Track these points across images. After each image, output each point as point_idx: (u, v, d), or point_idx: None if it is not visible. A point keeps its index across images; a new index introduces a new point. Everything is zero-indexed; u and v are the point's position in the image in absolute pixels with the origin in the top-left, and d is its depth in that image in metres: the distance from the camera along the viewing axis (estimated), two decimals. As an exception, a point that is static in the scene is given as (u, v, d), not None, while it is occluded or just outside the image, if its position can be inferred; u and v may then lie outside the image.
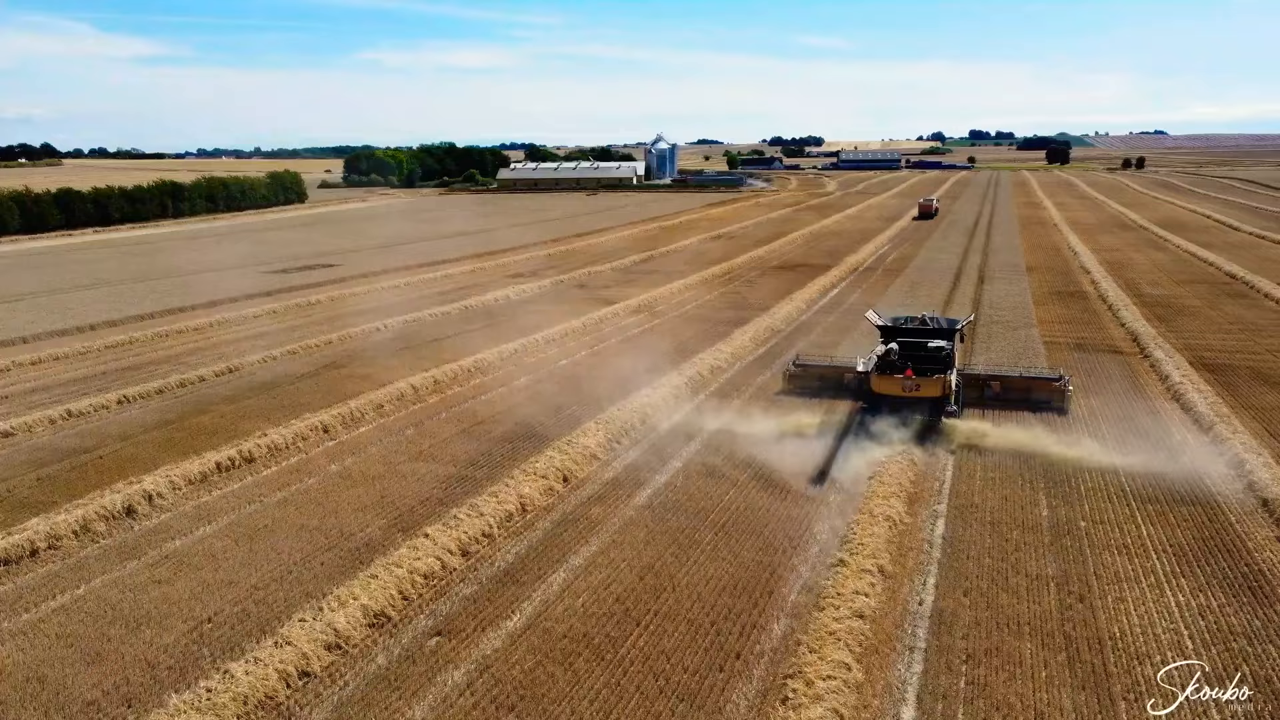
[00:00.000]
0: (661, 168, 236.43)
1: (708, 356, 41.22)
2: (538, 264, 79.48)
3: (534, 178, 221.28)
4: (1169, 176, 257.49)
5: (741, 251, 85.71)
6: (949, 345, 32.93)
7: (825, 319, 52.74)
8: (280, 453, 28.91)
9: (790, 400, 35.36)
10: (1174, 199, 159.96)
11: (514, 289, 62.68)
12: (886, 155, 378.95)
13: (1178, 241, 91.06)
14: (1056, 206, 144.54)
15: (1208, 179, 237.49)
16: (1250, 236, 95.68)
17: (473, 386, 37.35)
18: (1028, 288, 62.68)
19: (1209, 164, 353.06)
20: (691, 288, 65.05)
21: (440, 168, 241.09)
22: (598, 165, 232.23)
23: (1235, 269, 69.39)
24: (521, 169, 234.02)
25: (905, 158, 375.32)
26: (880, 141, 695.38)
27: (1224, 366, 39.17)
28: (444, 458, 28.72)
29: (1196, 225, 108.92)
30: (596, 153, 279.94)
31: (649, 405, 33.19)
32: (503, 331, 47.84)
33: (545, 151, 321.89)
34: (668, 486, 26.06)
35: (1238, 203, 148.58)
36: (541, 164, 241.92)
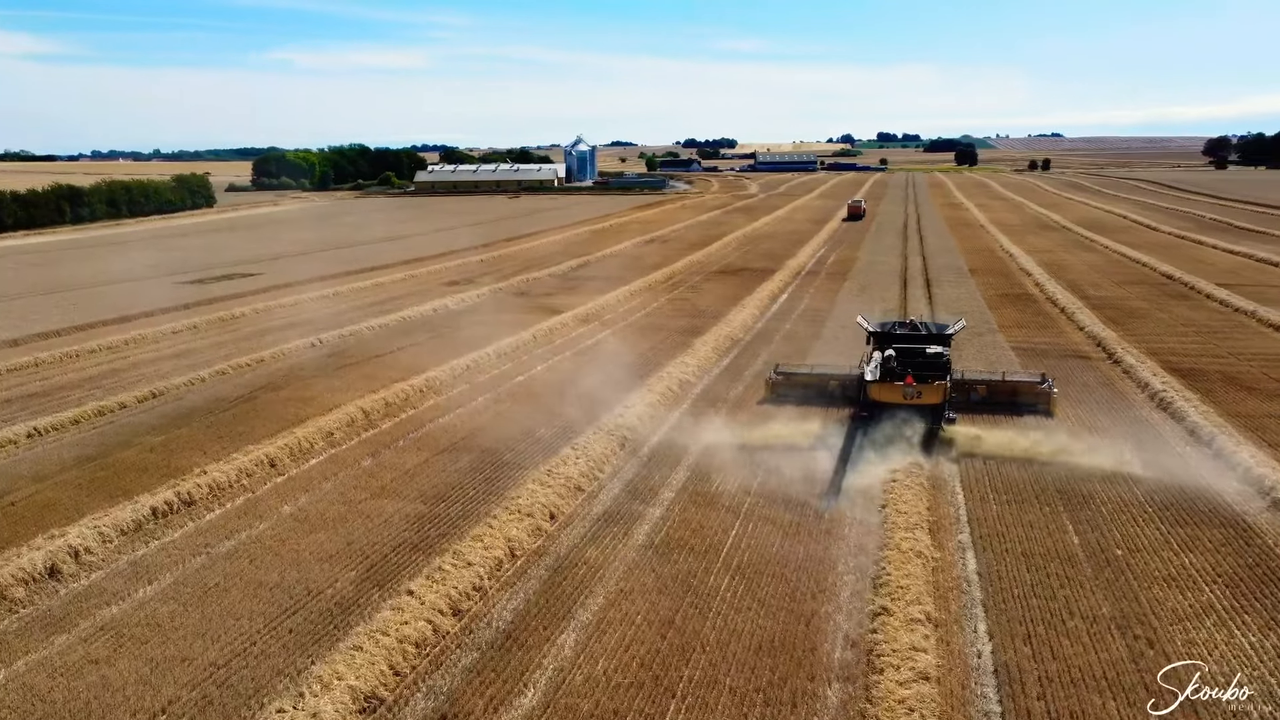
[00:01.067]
0: (582, 170, 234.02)
1: (673, 370, 39.07)
2: (472, 270, 76.33)
3: (453, 180, 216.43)
4: (1075, 177, 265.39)
5: (679, 255, 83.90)
6: (947, 350, 31.72)
7: (783, 325, 51.10)
8: (223, 493, 25.69)
9: (775, 410, 33.63)
10: (1087, 199, 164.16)
11: (452, 298, 59.60)
12: (803, 157, 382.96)
13: (1104, 242, 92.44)
14: (977, 207, 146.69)
15: (1112, 179, 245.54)
16: (1170, 237, 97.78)
17: (428, 409, 34.46)
18: (977, 291, 62.18)
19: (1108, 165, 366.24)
20: (637, 294, 62.88)
21: (354, 170, 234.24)
22: (518, 167, 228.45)
23: (1170, 269, 70.22)
24: (440, 171, 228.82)
25: (821, 160, 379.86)
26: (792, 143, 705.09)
27: (1194, 372, 38.58)
28: (410, 493, 25.90)
29: (1116, 226, 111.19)
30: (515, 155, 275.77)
31: (625, 426, 30.84)
32: (449, 345, 44.88)
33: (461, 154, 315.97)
34: (665, 520, 23.77)
35: (1148, 203, 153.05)
36: (460, 166, 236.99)
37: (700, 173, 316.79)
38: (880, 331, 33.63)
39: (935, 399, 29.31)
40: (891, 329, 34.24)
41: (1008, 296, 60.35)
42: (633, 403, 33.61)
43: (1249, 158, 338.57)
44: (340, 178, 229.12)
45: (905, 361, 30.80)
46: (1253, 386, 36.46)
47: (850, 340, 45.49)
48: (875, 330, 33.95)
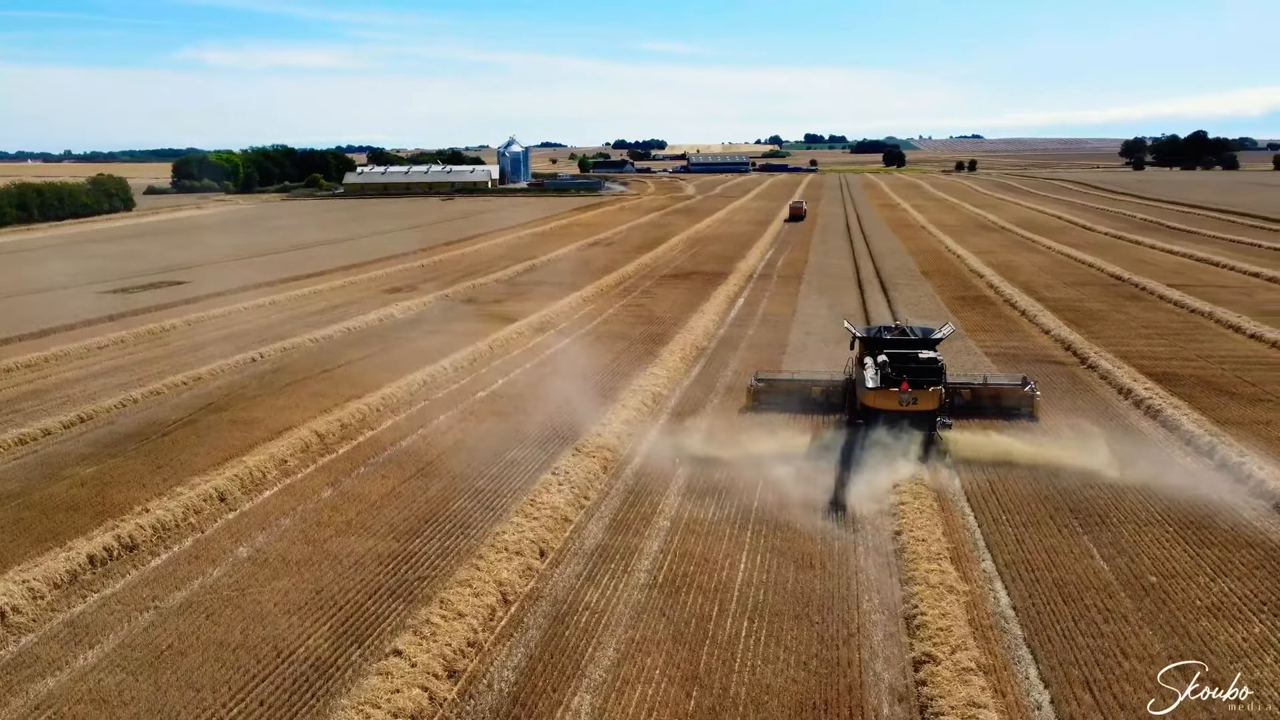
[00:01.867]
0: (516, 171, 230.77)
1: (644, 382, 37.19)
2: (414, 276, 73.40)
3: (383, 182, 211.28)
4: (1001, 178, 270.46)
5: (626, 259, 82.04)
6: (939, 355, 30.93)
7: (745, 332, 49.57)
8: (169, 534, 23.02)
9: (759, 419, 32.40)
10: (1018, 200, 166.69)
11: (397, 306, 56.81)
12: (735, 159, 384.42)
13: (1046, 243, 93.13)
14: (914, 208, 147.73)
15: (1038, 180, 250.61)
16: (1108, 237, 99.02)
17: (388, 430, 32.01)
18: (934, 293, 61.55)
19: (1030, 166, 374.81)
20: (590, 300, 60.88)
21: (279, 172, 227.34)
22: (450, 169, 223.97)
23: (1117, 270, 70.62)
24: (369, 173, 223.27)
25: (753, 161, 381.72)
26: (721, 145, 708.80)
27: (1169, 376, 38.00)
28: (379, 528, 23.57)
29: (1053, 226, 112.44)
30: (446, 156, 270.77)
31: (605, 446, 28.87)
32: (401, 358, 42.34)
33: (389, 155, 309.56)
34: (665, 554, 21.88)
35: (1077, 203, 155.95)
36: (390, 167, 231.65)
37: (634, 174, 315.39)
38: (870, 337, 32.45)
39: (930, 405, 28.44)
40: (878, 333, 33.09)
41: (965, 299, 59.81)
42: (608, 420, 31.67)
43: (1163, 159, 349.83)
44: (265, 180, 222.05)
45: (899, 367, 29.74)
46: (1231, 391, 35.98)
47: (819, 347, 44.26)
48: (864, 335, 32.72)
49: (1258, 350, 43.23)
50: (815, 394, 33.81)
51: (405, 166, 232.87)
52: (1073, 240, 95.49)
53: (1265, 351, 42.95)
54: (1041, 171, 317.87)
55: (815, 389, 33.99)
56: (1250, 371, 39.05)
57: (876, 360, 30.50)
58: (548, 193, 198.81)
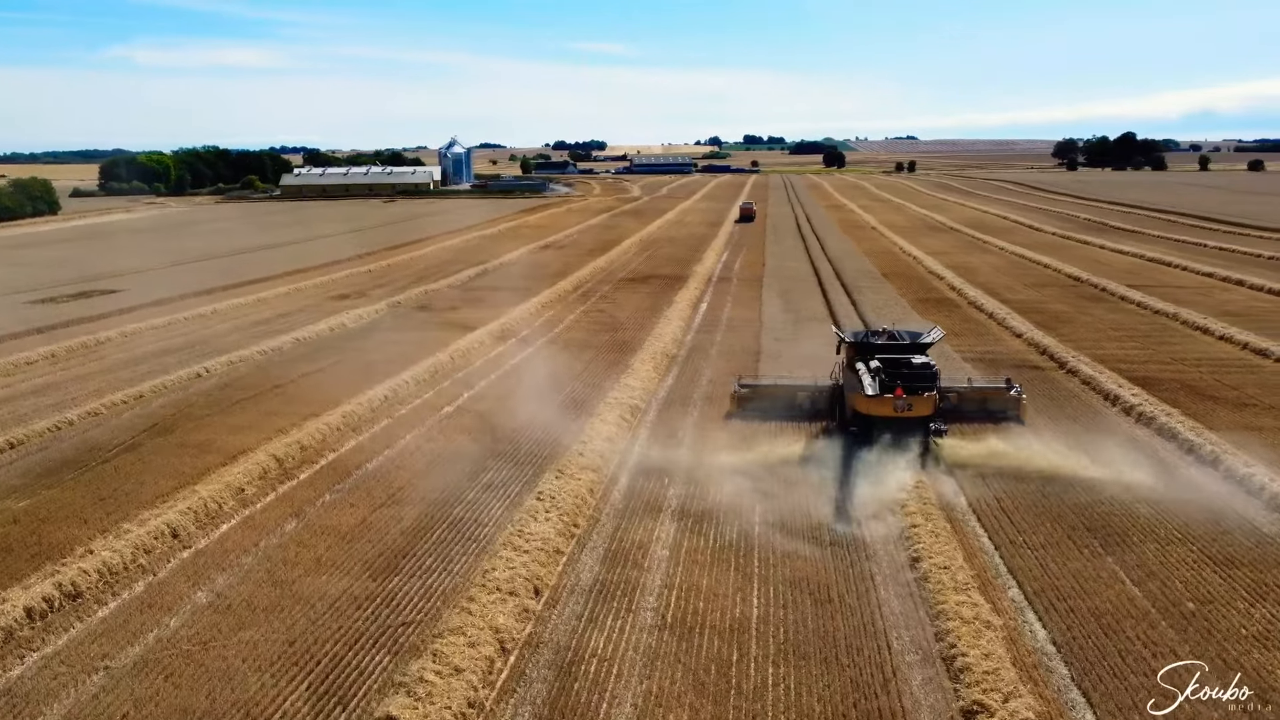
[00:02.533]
0: (458, 172, 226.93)
1: (619, 394, 35.46)
2: (362, 282, 70.67)
3: (323, 184, 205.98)
4: (941, 178, 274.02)
5: (580, 263, 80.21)
6: (932, 360, 30.33)
7: (714, 338, 48.12)
8: (118, 579, 20.69)
9: (746, 429, 31.33)
10: (962, 200, 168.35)
11: (348, 314, 54.25)
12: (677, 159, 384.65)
13: (997, 243, 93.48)
14: (861, 209, 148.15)
15: (976, 180, 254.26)
16: (1056, 238, 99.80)
17: (351, 451, 29.83)
18: (898, 296, 60.80)
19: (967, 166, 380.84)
20: (549, 306, 58.97)
21: (213, 173, 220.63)
22: (391, 170, 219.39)
23: (1074, 271, 70.78)
24: (308, 174, 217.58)
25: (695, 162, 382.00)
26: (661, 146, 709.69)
27: (1150, 380, 37.42)
28: (352, 566, 21.51)
29: (1001, 227, 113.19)
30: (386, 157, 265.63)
31: (588, 466, 27.10)
32: (359, 371, 40.05)
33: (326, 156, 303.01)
34: (669, 588, 20.20)
35: (1019, 203, 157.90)
36: (328, 169, 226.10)
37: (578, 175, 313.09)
38: (860, 342, 31.40)
39: (925, 410, 27.70)
40: (865, 338, 32.18)
41: (929, 301, 59.15)
42: (588, 436, 29.89)
43: (1094, 160, 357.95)
44: (198, 181, 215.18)
45: (892, 373, 28.81)
46: (1214, 395, 35.47)
47: (793, 353, 42.94)
48: (854, 340, 31.71)
49: (1230, 352, 42.99)
50: (800, 400, 33.05)
51: (344, 168, 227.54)
52: (1023, 241, 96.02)
53: (1237, 353, 42.73)
54: (979, 172, 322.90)
55: (800, 394, 33.28)
56: (1228, 374, 38.67)
57: (868, 366, 29.42)
58: (492, 194, 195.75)
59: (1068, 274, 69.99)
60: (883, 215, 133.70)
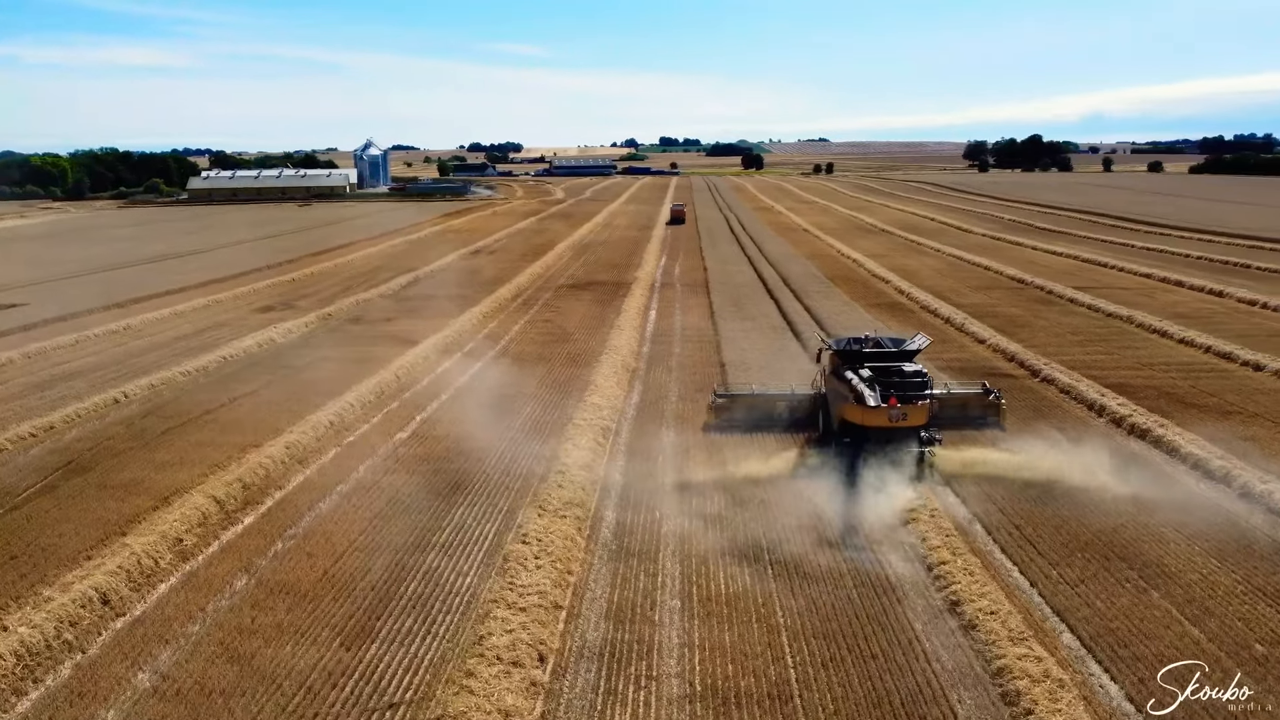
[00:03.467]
0: (375, 175, 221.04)
1: (586, 415, 32.98)
2: (286, 292, 66.60)
3: (232, 187, 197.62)
4: (859, 180, 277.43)
5: (515, 269, 77.33)
6: (923, 367, 29.27)
7: (671, 349, 45.95)
8: (38, 660, 17.42)
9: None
10: (885, 202, 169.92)
11: (276, 329, 50.50)
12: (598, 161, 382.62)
13: (932, 245, 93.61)
14: (790, 211, 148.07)
15: (895, 181, 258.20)
16: (986, 239, 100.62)
17: (300, 489, 26.76)
18: (850, 301, 59.52)
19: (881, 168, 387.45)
20: (491, 316, 56.14)
21: (114, 177, 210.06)
22: (305, 173, 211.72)
23: (1015, 273, 70.70)
24: (216, 177, 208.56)
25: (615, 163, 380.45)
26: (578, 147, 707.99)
27: (1127, 387, 36.51)
28: (319, 632, 18.65)
29: (930, 229, 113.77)
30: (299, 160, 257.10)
31: (570, 503, 24.60)
32: (296, 393, 36.80)
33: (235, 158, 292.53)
34: (691, 648, 17.86)
35: (941, 204, 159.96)
36: (239, 171, 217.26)
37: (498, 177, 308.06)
38: (848, 349, 29.95)
39: (920, 420, 26.67)
40: (848, 345, 30.75)
41: (881, 306, 58.07)
42: (563, 464, 27.39)
43: (1003, 161, 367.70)
44: (98, 185, 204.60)
45: (884, 381, 27.47)
46: (1195, 403, 34.68)
47: (760, 362, 41.14)
48: (840, 348, 30.23)
49: (1195, 356, 42.54)
50: (780, 410, 32.24)
51: (254, 170, 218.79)
52: (954, 242, 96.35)
53: (1203, 358, 42.29)
54: (894, 173, 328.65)
55: (780, 404, 32.42)
56: (1201, 380, 38.06)
57: (859, 374, 27.93)
58: (411, 197, 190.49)
59: (1009, 276, 69.85)
60: (812, 217, 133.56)
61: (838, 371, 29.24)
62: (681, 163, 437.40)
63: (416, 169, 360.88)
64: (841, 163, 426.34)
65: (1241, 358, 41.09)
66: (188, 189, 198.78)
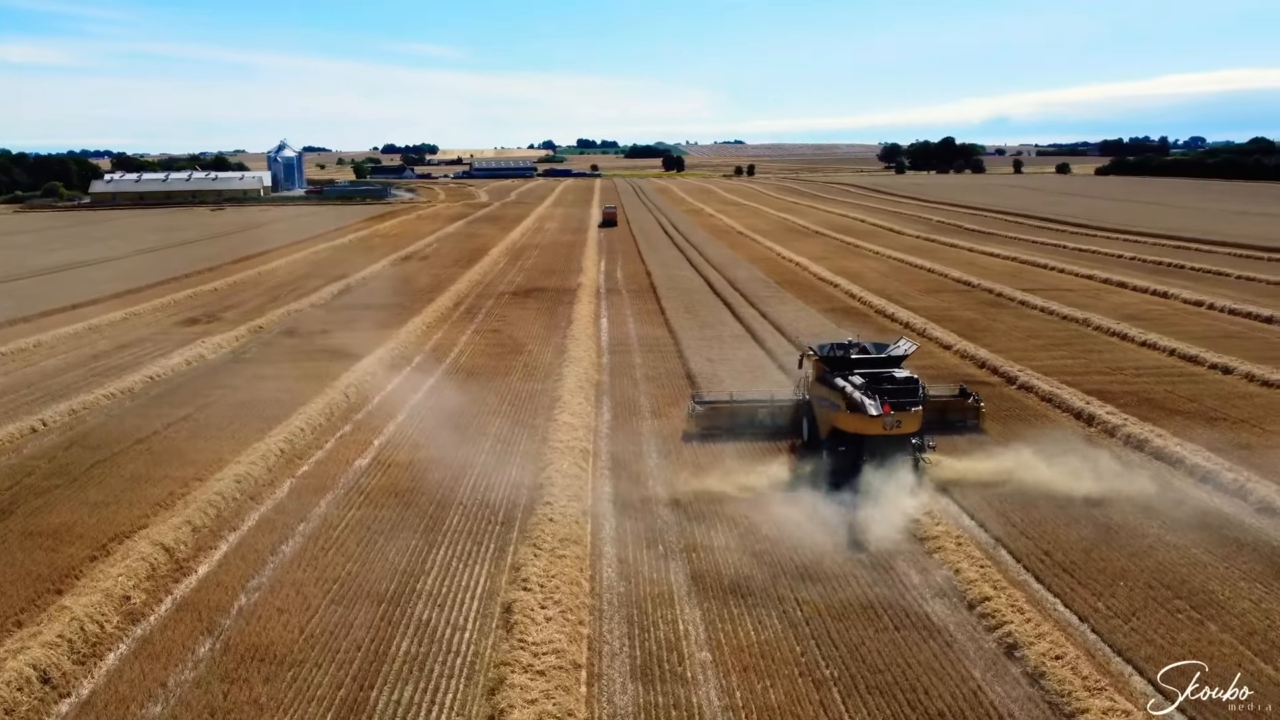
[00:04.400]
0: (290, 178, 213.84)
1: (561, 435, 30.73)
2: (209, 302, 62.59)
3: (139, 190, 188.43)
4: (782, 181, 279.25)
5: (450, 276, 74.42)
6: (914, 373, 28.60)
7: (632, 360, 43.99)
8: (-29, 762, 14.66)
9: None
10: (812, 203, 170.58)
11: (205, 344, 46.88)
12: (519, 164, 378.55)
13: (869, 247, 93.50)
14: (720, 213, 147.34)
15: (817, 183, 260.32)
16: (920, 240, 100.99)
17: (257, 529, 23.98)
18: (805, 307, 58.26)
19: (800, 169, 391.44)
20: (435, 327, 53.33)
21: (8, 180, 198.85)
22: (217, 176, 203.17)
23: (959, 274, 70.60)
24: (121, 180, 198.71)
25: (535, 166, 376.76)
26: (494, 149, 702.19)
27: (1106, 394, 35.88)
28: (305, 709, 16.17)
29: (863, 230, 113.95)
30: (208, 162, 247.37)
31: (567, 539, 22.41)
32: (236, 418, 33.81)
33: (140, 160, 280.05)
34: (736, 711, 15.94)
35: (868, 206, 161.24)
36: (144, 174, 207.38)
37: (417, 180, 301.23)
38: (836, 355, 29.15)
39: (914, 427, 26.37)
40: (830, 351, 29.93)
41: (837, 311, 56.99)
42: (549, 494, 25.13)
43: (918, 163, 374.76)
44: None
45: (875, 388, 26.73)
46: (1178, 410, 34.17)
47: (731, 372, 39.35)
48: (828, 354, 29.40)
49: (1161, 360, 42.28)
50: (761, 417, 31.85)
51: (162, 173, 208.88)
52: (890, 244, 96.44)
53: (1169, 361, 42.07)
54: (813, 175, 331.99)
55: (762, 411, 32.01)
56: (1177, 385, 37.69)
57: (851, 381, 27.08)
58: (330, 200, 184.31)
59: (954, 278, 69.66)
60: (743, 219, 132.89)
61: (825, 379, 28.32)
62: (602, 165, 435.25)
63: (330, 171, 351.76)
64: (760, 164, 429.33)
65: (1208, 360, 40.93)
66: (90, 193, 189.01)
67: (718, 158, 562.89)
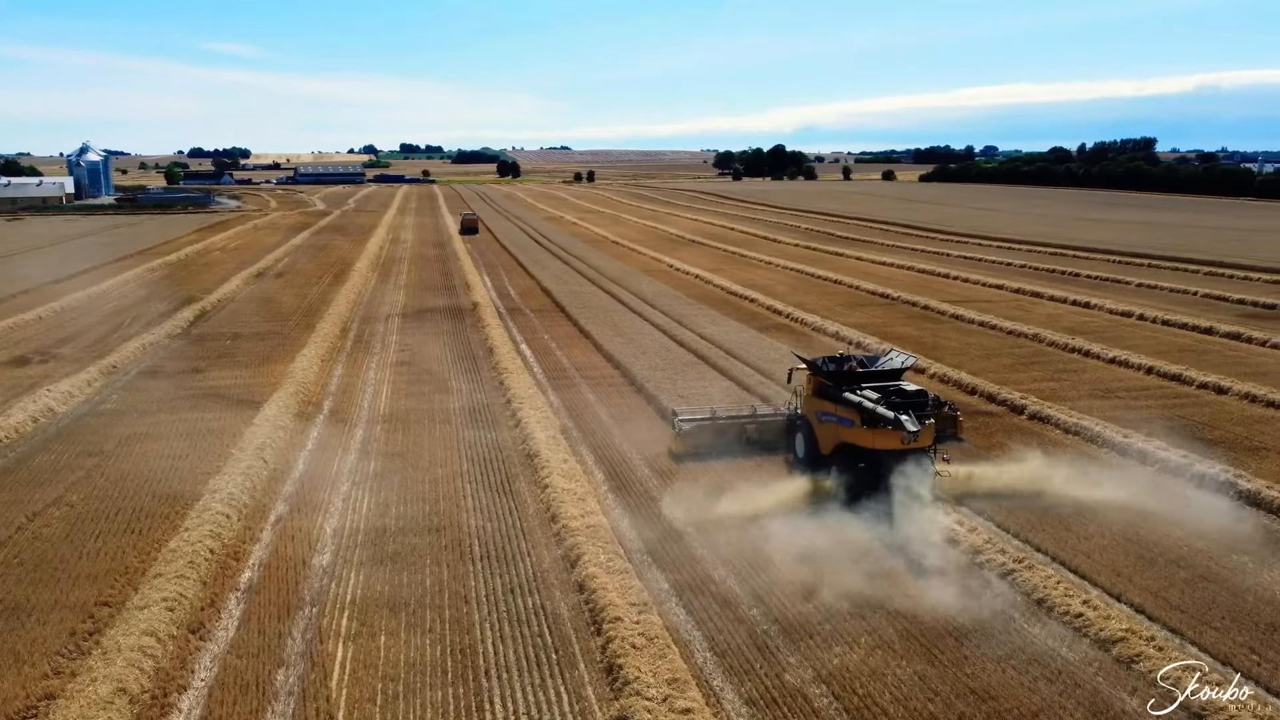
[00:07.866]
0: (96, 185, 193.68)
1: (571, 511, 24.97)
2: (36, 335, 52.11)
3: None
4: (625, 188, 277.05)
5: (322, 297, 66.06)
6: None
7: (584, 396, 38.27)
8: None
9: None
10: (670, 211, 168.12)
11: (51, 393, 37.47)
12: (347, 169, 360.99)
13: (757, 257, 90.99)
14: (583, 221, 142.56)
15: (662, 190, 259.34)
16: (803, 249, 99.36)
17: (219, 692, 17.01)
18: (737, 323, 54.05)
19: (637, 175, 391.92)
20: (329, 360, 45.84)
21: None
22: (10, 181, 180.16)
23: (872, 286, 68.43)
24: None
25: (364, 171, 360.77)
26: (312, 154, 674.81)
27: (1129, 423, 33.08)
28: None
29: (737, 239, 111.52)
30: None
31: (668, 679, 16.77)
32: (127, 502, 26.08)
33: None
34: None
35: (727, 213, 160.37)
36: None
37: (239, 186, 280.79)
38: (837, 370, 28.10)
39: (929, 440, 25.95)
40: (825, 364, 28.80)
41: (770, 328, 53.14)
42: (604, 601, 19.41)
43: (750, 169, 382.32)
44: None
45: (889, 402, 25.66)
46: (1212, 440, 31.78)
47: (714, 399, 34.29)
48: (828, 369, 28.25)
49: (1146, 380, 40.32)
50: (750, 432, 30.78)
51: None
52: (775, 253, 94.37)
53: (1154, 381, 40.12)
54: (652, 181, 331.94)
55: (749, 427, 30.92)
56: (1183, 408, 35.74)
57: (865, 395, 26.01)
58: (145, 210, 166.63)
59: (868, 290, 67.31)
60: (611, 228, 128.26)
61: (829, 393, 27.23)
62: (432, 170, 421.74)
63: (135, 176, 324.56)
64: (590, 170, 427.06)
65: (1195, 379, 39.20)
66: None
67: (548, 164, 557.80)
